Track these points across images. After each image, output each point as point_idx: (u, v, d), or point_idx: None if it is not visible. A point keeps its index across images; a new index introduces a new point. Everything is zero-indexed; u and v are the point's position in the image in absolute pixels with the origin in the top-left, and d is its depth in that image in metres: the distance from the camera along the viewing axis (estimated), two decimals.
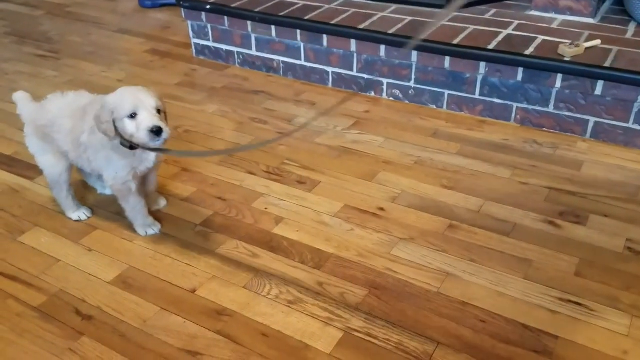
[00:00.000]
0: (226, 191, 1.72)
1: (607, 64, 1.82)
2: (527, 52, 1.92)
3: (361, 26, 2.19)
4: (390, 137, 1.98)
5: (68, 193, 1.59)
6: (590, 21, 2.15)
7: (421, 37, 1.15)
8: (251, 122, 2.12)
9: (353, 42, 2.21)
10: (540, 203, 1.63)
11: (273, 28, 2.37)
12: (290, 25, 2.32)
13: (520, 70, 1.93)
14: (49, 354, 1.21)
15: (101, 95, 1.49)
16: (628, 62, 1.82)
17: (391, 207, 1.63)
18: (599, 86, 1.83)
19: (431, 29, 1.17)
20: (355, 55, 2.25)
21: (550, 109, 1.96)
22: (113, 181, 1.46)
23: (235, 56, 2.59)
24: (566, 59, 1.86)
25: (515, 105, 2.02)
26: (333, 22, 2.24)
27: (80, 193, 1.70)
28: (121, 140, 1.37)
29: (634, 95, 1.79)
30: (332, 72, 2.35)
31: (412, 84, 2.19)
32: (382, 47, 2.15)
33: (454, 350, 1.19)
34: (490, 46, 1.98)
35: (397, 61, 2.16)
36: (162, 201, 1.66)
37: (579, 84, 1.86)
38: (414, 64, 2.14)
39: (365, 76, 2.27)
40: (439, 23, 1.18)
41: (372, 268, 1.41)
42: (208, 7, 2.49)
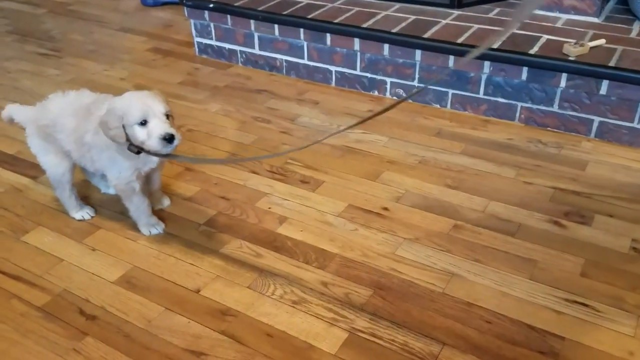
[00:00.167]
0: (230, 190, 1.72)
1: (612, 64, 1.81)
2: (532, 52, 1.91)
3: (365, 25, 2.19)
4: (393, 137, 1.98)
5: (71, 192, 1.58)
6: (594, 20, 2.15)
7: (486, 47, 1.13)
8: (254, 121, 2.11)
9: (356, 41, 2.21)
10: (545, 203, 1.62)
11: (276, 27, 2.36)
12: (293, 24, 2.31)
13: (524, 69, 1.92)
14: (53, 354, 1.21)
15: (104, 94, 1.49)
16: (633, 62, 1.81)
17: (395, 207, 1.62)
18: (604, 86, 1.82)
19: (498, 39, 1.15)
20: (358, 54, 2.24)
21: (554, 109, 1.95)
22: (117, 181, 1.46)
23: (238, 55, 2.58)
24: (571, 59, 1.85)
25: (519, 104, 2.01)
26: (336, 21, 2.23)
27: (83, 192, 1.70)
28: (129, 145, 1.37)
29: (639, 94, 1.78)
30: (335, 71, 2.34)
31: (416, 83, 2.18)
32: (386, 46, 2.15)
33: (460, 351, 1.19)
34: (494, 45, 1.97)
35: (401, 60, 2.16)
36: (166, 200, 1.66)
37: (584, 84, 1.85)
38: (418, 63, 2.13)
39: (368, 75, 2.26)
40: (508, 32, 1.17)
41: (377, 268, 1.41)
42: (211, 6, 2.49)
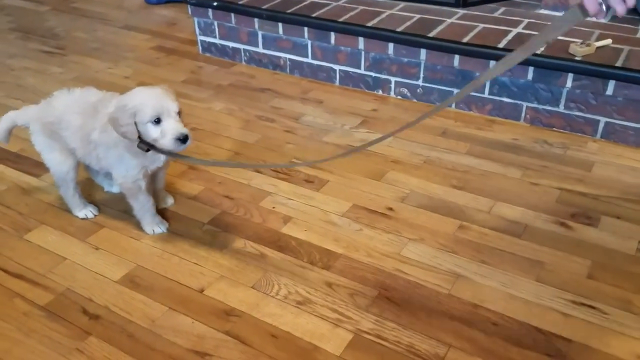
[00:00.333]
0: (233, 190, 1.71)
1: (619, 64, 1.80)
2: (538, 51, 1.90)
3: (369, 24, 2.18)
4: (398, 136, 1.96)
5: (75, 191, 1.58)
6: (600, 20, 2.13)
7: (530, 52, 1.12)
8: (258, 120, 2.10)
9: (361, 40, 2.19)
10: (551, 204, 1.61)
11: (280, 25, 2.35)
12: (297, 22, 2.30)
13: (530, 69, 1.91)
14: (56, 354, 1.20)
15: (111, 92, 1.48)
16: (639, 62, 1.80)
17: (400, 207, 1.61)
18: (610, 86, 1.81)
19: (539, 45, 1.14)
20: (363, 53, 2.23)
21: (560, 109, 1.94)
22: (123, 179, 1.45)
23: (241, 53, 2.57)
24: (577, 59, 1.84)
25: (525, 104, 2.00)
26: (341, 20, 2.22)
27: (86, 191, 1.69)
28: (140, 142, 1.36)
29: None
30: (340, 70, 2.33)
31: (421, 83, 2.17)
32: (391, 45, 2.13)
33: (466, 353, 1.18)
34: (500, 45, 1.96)
35: (406, 59, 2.15)
36: (170, 199, 1.65)
37: (590, 84, 1.84)
38: (423, 63, 2.12)
39: (373, 74, 2.25)
40: (550, 39, 1.16)
41: (382, 269, 1.40)
42: (215, 4, 2.48)
